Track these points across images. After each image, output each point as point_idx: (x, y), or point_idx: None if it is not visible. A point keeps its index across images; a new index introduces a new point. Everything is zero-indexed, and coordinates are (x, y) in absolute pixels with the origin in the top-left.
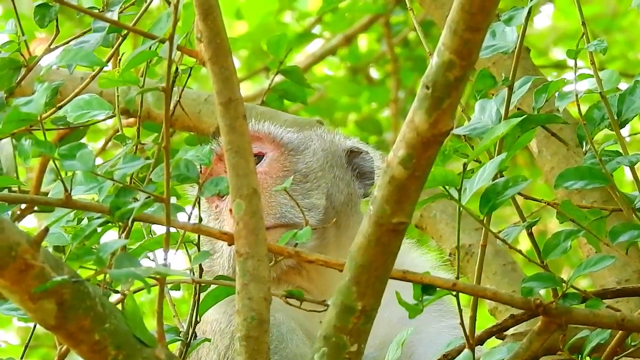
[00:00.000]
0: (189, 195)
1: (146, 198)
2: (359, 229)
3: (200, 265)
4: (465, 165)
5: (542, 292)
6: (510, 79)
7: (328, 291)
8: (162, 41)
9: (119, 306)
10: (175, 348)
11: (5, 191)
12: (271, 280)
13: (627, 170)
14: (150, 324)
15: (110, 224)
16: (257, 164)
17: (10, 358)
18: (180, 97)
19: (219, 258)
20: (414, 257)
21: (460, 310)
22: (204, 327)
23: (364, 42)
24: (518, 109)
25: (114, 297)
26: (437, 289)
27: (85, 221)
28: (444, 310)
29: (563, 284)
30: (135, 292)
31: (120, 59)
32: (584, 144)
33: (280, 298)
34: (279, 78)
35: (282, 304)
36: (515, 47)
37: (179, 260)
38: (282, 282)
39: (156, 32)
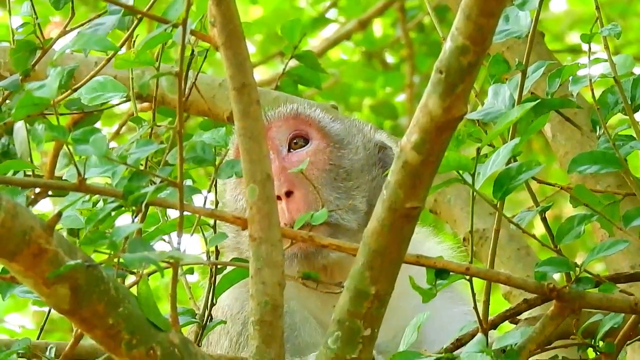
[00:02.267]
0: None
1: (160, 182)
2: (372, 214)
3: (216, 247)
4: (479, 149)
5: (555, 276)
6: (523, 63)
7: None
8: (176, 26)
9: (133, 290)
10: (186, 331)
11: (20, 175)
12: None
13: None
14: (166, 308)
15: (124, 208)
16: (301, 147)
17: (26, 338)
18: (195, 81)
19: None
20: (429, 246)
21: (474, 295)
22: (215, 312)
23: (378, 27)
24: (532, 93)
25: (130, 279)
26: (451, 273)
27: (100, 204)
28: (455, 298)
29: (576, 268)
30: (149, 274)
31: (134, 42)
32: (598, 128)
33: (296, 281)
34: (293, 63)
35: (296, 292)
36: (529, 32)
37: (194, 244)
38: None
39: (170, 16)
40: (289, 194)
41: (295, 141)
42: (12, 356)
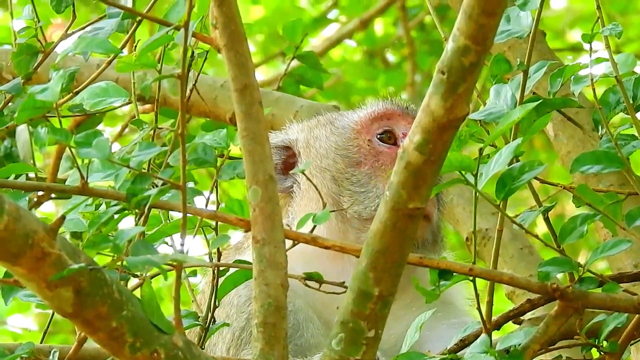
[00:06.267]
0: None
1: (162, 185)
2: (375, 215)
3: (218, 249)
4: (481, 150)
5: (559, 276)
6: (525, 63)
7: None
8: (178, 28)
9: (136, 293)
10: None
11: (22, 178)
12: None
13: None
14: (169, 309)
15: (127, 211)
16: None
17: (29, 342)
18: (195, 83)
19: (368, 194)
20: None
21: (477, 295)
22: (222, 300)
23: (380, 26)
24: (534, 93)
25: (133, 282)
26: (454, 274)
27: (103, 207)
28: (452, 312)
29: (580, 268)
30: (153, 277)
31: (136, 45)
32: (600, 127)
33: (299, 281)
34: (295, 63)
35: (303, 291)
36: (530, 32)
37: (197, 245)
38: None
39: (172, 18)
40: None
41: None
42: None
